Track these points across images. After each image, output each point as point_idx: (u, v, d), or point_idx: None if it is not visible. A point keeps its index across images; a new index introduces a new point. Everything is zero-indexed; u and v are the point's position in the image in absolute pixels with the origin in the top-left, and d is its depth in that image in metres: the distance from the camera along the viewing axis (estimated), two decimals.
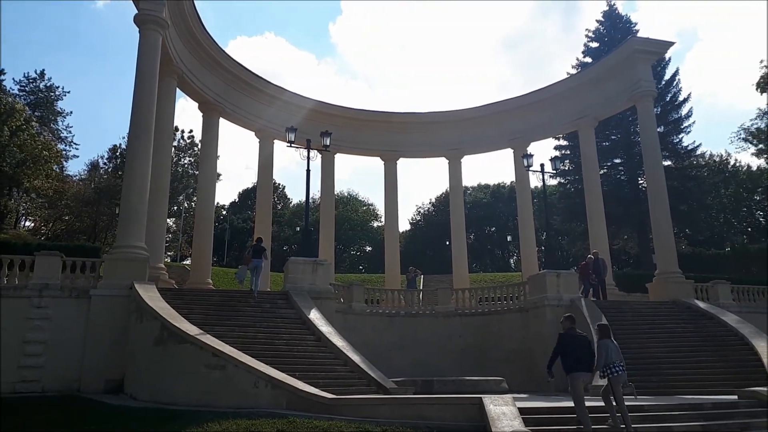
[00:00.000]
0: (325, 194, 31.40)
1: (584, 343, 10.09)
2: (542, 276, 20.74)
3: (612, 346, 10.09)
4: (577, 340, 10.03)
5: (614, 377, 9.80)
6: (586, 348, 10.03)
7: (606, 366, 9.89)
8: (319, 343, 15.48)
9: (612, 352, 9.98)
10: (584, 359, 9.88)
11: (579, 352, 9.88)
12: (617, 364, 9.88)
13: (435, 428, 9.44)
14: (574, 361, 9.79)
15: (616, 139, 46.17)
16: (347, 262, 67.40)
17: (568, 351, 9.91)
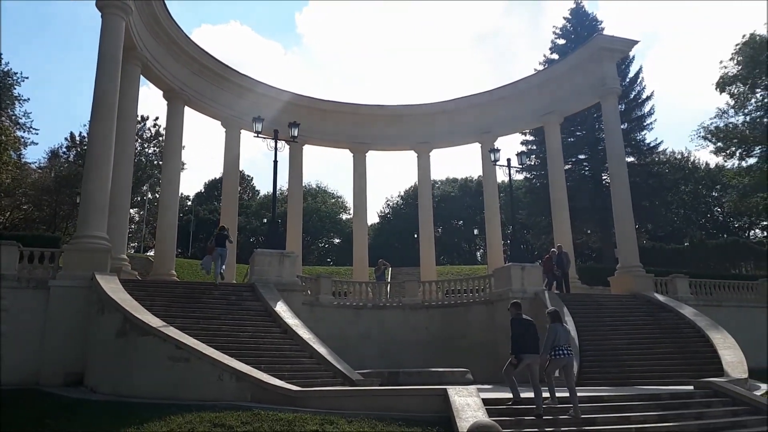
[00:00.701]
0: (293, 186, 31.18)
1: (530, 327, 10.63)
2: (507, 269, 21.02)
3: (561, 330, 10.52)
4: (524, 325, 10.61)
5: (557, 359, 10.31)
6: (532, 332, 10.58)
7: (554, 347, 10.35)
8: (285, 335, 15.39)
9: (561, 337, 10.41)
10: (530, 342, 10.47)
11: (526, 335, 10.47)
12: (564, 347, 10.36)
13: (400, 419, 9.49)
14: (522, 344, 10.39)
15: (581, 135, 46.98)
16: (315, 255, 67.15)
17: (515, 335, 10.52)
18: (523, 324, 10.61)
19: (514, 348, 10.44)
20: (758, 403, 11.32)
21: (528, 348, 10.39)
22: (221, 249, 19.22)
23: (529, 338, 10.50)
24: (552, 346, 10.34)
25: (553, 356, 10.33)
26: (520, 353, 10.33)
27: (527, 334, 10.50)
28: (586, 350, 16.90)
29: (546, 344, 10.38)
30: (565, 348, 10.37)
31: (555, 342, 10.34)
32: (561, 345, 10.35)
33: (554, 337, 10.37)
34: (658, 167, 49.50)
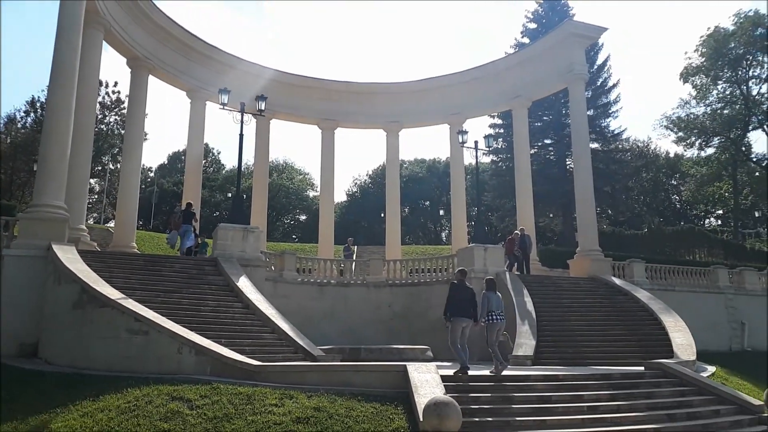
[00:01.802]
0: (259, 160, 30.80)
1: (469, 294, 11.43)
2: (470, 249, 21.31)
3: (494, 298, 11.60)
4: (464, 291, 11.40)
5: (491, 324, 11.47)
6: (470, 298, 11.39)
7: (488, 313, 11.41)
8: (247, 310, 15.33)
9: (493, 303, 11.51)
10: (466, 307, 11.28)
11: (463, 301, 11.30)
12: (497, 313, 11.46)
13: (360, 394, 9.60)
14: (458, 308, 11.22)
15: (548, 120, 47.58)
16: (281, 231, 66.71)
17: (454, 299, 11.30)
18: (462, 289, 11.39)
19: (449, 310, 11.26)
20: (704, 384, 11.82)
21: (464, 312, 11.20)
22: (186, 226, 19.16)
23: (466, 304, 11.28)
24: (487, 312, 11.37)
25: (487, 321, 11.41)
26: (453, 316, 11.16)
27: (464, 300, 11.29)
28: (544, 330, 17.32)
29: (482, 310, 11.36)
30: (498, 314, 11.46)
31: (489, 308, 11.41)
32: (494, 311, 11.44)
33: (488, 304, 11.44)
34: (621, 154, 50.62)
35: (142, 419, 8.64)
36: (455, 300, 11.28)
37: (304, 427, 8.49)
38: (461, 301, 11.27)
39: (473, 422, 8.91)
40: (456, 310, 11.19)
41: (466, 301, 11.32)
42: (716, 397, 11.41)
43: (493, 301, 11.51)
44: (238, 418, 8.69)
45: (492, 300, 11.51)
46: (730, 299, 24.77)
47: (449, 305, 11.30)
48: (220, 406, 9.00)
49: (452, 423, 7.93)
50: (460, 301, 11.26)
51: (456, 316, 11.16)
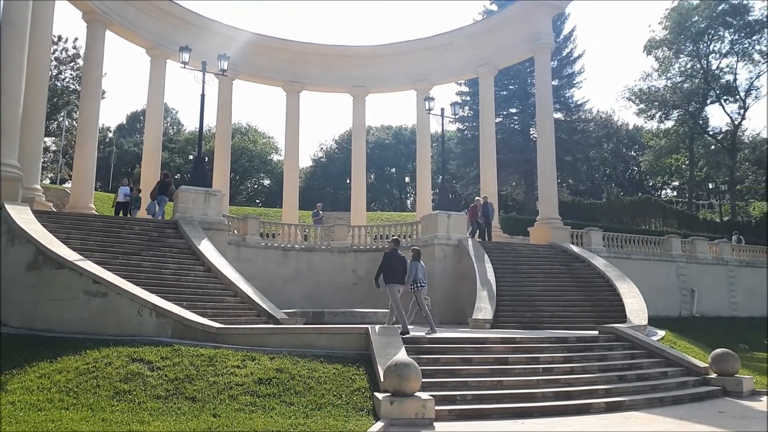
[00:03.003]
0: (222, 122, 30.14)
1: (401, 262, 12.52)
2: (434, 216, 21.51)
3: (420, 267, 12.89)
4: (397, 259, 12.44)
5: (418, 290, 12.76)
6: (402, 266, 12.49)
7: (414, 281, 12.66)
8: (209, 274, 15.21)
9: (419, 272, 12.81)
10: (399, 274, 12.38)
11: (397, 268, 12.37)
12: (421, 280, 12.79)
13: (322, 356, 9.73)
14: (392, 275, 12.26)
15: (513, 89, 47.78)
16: (244, 195, 65.89)
17: (389, 267, 12.29)
18: (396, 258, 12.45)
19: (385, 277, 12.28)
20: (654, 348, 12.32)
21: (397, 279, 12.30)
22: (162, 197, 19.92)
23: (399, 271, 12.38)
24: (412, 280, 12.61)
25: (413, 288, 12.68)
26: (388, 282, 12.22)
27: (397, 268, 12.36)
28: (503, 295, 17.73)
29: (408, 277, 12.56)
30: (422, 281, 12.82)
31: (415, 276, 12.68)
32: (419, 279, 12.76)
33: (414, 272, 12.70)
34: (583, 125, 51.33)
35: (102, 380, 8.58)
36: (389, 267, 12.24)
37: (267, 388, 8.57)
38: (395, 268, 12.28)
39: (433, 382, 9.13)
40: (391, 277, 12.21)
41: (400, 268, 12.38)
42: (665, 360, 11.91)
43: (419, 269, 12.80)
44: (200, 380, 8.71)
45: (418, 269, 12.80)
46: (682, 267, 25.76)
47: (385, 272, 12.27)
48: (181, 368, 8.99)
49: (412, 383, 8.11)
50: (394, 268, 12.26)
51: (391, 282, 12.21)
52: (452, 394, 8.98)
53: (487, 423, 8.16)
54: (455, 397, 8.92)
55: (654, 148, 57.24)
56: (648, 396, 9.97)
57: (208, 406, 8.00)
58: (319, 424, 7.34)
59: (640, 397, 9.83)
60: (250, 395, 8.36)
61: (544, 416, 8.64)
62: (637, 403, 9.61)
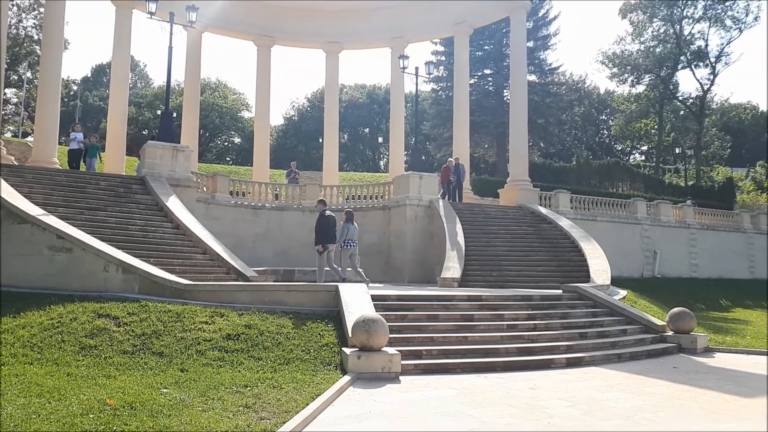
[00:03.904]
0: (191, 77, 29.29)
1: (332, 222, 13.51)
2: (406, 177, 21.53)
3: (352, 228, 13.81)
4: (327, 220, 13.39)
5: (347, 249, 13.73)
6: (332, 226, 13.47)
7: (345, 241, 13.65)
8: (177, 231, 15.05)
9: (351, 232, 13.76)
10: (331, 234, 13.40)
11: (327, 228, 13.36)
12: (351, 240, 13.73)
13: (291, 313, 9.80)
14: (325, 235, 13.28)
15: (488, 50, 47.44)
16: (214, 152, 64.82)
17: (321, 228, 13.27)
18: (327, 219, 13.35)
19: (319, 238, 13.28)
20: (615, 306, 12.72)
21: (329, 239, 13.32)
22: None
23: (330, 231, 13.36)
24: (344, 239, 13.59)
25: (344, 246, 13.64)
26: (324, 243, 13.25)
27: (328, 228, 13.33)
28: (472, 255, 17.99)
29: (340, 237, 13.57)
30: (352, 241, 13.73)
31: (347, 236, 13.64)
32: (351, 239, 13.70)
33: (346, 232, 13.65)
34: (556, 88, 51.45)
35: (67, 336, 8.52)
36: (323, 229, 13.29)
37: (235, 344, 8.63)
38: (328, 229, 13.36)
39: (400, 338, 9.31)
40: (325, 238, 13.26)
41: (331, 228, 13.43)
42: (625, 318, 12.31)
43: (351, 230, 13.75)
44: (168, 335, 8.72)
45: (350, 230, 13.75)
46: (646, 230, 26.43)
47: (320, 235, 13.27)
48: (148, 324, 8.98)
49: (380, 339, 8.26)
50: (327, 229, 13.34)
51: (324, 241, 13.24)
52: (418, 349, 9.17)
53: (452, 377, 8.39)
54: (421, 352, 9.11)
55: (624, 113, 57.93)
56: (607, 352, 10.33)
57: (176, 361, 8.03)
58: (286, 378, 7.45)
59: (600, 354, 10.19)
60: (218, 350, 8.41)
61: (507, 371, 8.90)
62: (596, 359, 9.97)
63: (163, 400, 6.16)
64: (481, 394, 7.39)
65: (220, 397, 6.44)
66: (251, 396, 6.57)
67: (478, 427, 5.90)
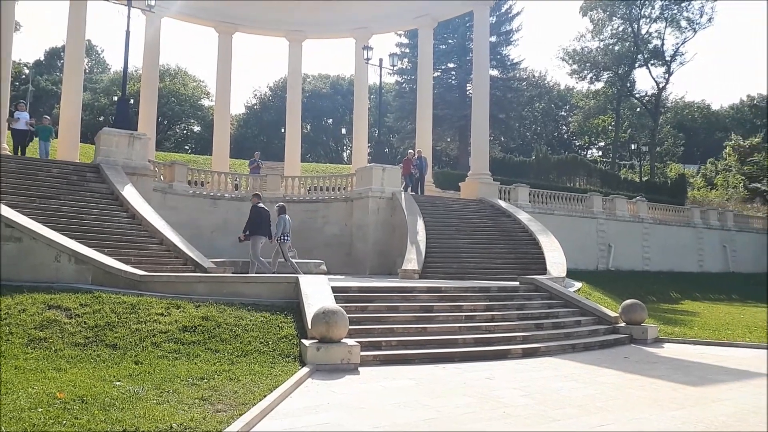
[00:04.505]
0: (149, 63, 28.51)
1: (265, 214, 13.53)
2: (369, 169, 21.53)
3: (286, 221, 13.90)
4: (260, 212, 13.39)
5: (283, 242, 13.82)
6: (266, 219, 13.48)
7: (281, 234, 13.73)
8: (133, 220, 14.69)
9: (286, 225, 13.86)
10: (264, 226, 13.39)
11: (261, 221, 13.37)
12: (287, 234, 13.88)
13: (250, 304, 9.70)
14: (257, 227, 13.28)
15: (452, 44, 47.72)
16: (172, 141, 63.40)
17: (254, 220, 13.28)
18: (260, 211, 13.32)
19: (249, 229, 13.37)
20: (570, 298, 13.04)
21: (262, 231, 13.26)
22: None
23: (263, 223, 13.30)
24: (280, 233, 13.65)
25: (281, 240, 13.70)
26: (252, 234, 13.29)
27: (262, 220, 13.29)
28: (433, 247, 18.15)
29: (276, 230, 13.61)
30: (287, 234, 13.89)
31: (283, 230, 13.72)
32: (286, 232, 13.79)
33: (282, 226, 13.71)
34: (518, 83, 52.17)
35: (15, 328, 8.23)
36: (255, 221, 13.32)
37: (191, 336, 8.50)
38: (260, 221, 13.30)
39: (360, 329, 9.34)
40: (256, 229, 13.24)
41: (264, 221, 13.36)
42: (579, 310, 12.64)
43: (286, 224, 13.84)
44: (122, 327, 8.52)
45: (286, 223, 13.84)
46: (602, 224, 27.14)
47: (253, 227, 13.29)
48: (101, 315, 8.75)
49: (339, 330, 8.27)
50: (259, 221, 13.30)
51: (256, 234, 13.24)
52: (378, 340, 9.23)
53: (410, 367, 8.47)
54: (381, 343, 9.16)
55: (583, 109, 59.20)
56: (562, 343, 10.60)
57: (130, 353, 7.87)
58: (244, 370, 7.38)
59: (555, 344, 10.45)
60: (174, 343, 8.27)
61: (465, 361, 9.05)
62: (551, 349, 10.22)
63: (115, 393, 6.03)
64: (438, 384, 7.49)
65: (175, 390, 6.34)
66: (207, 388, 6.49)
67: (434, 417, 5.98)
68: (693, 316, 17.64)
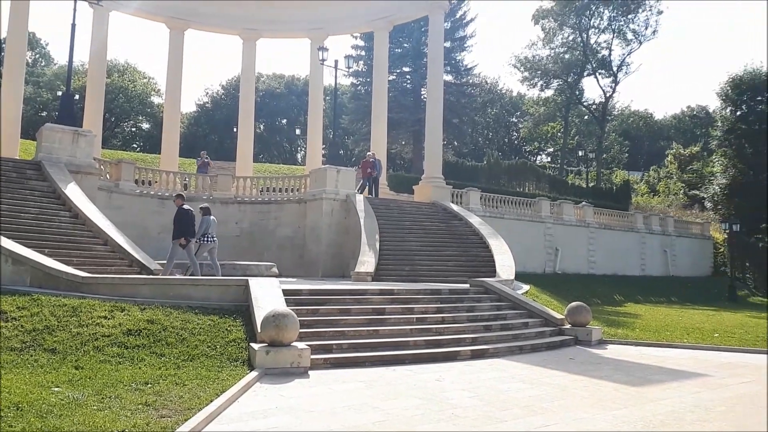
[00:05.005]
0: (96, 57, 27.53)
1: (190, 215, 13.24)
2: (323, 171, 21.42)
3: (210, 221, 13.66)
4: (187, 214, 13.15)
5: (205, 243, 13.54)
6: (191, 220, 13.20)
7: (204, 234, 13.45)
8: (76, 220, 14.18)
9: (210, 226, 13.60)
10: (189, 228, 13.11)
11: (189, 223, 13.10)
12: (210, 234, 13.60)
13: (198, 307, 9.51)
14: (184, 230, 12.98)
15: (407, 48, 48.05)
16: (120, 138, 61.54)
17: (181, 223, 12.96)
18: (186, 213, 13.10)
19: (180, 232, 12.93)
20: (518, 300, 13.31)
21: (189, 232, 13.04)
22: None
23: (191, 225, 13.12)
24: (203, 233, 13.37)
25: (203, 241, 13.43)
26: (183, 236, 12.92)
27: (189, 222, 13.08)
28: (386, 250, 18.21)
29: (199, 231, 13.32)
30: (211, 236, 13.59)
31: (205, 230, 13.43)
32: (209, 233, 13.53)
33: (205, 227, 13.46)
34: (471, 89, 52.97)
35: None
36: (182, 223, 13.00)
37: (136, 339, 8.26)
38: (188, 223, 13.06)
39: (311, 332, 9.28)
40: (183, 231, 12.97)
41: (191, 222, 13.18)
42: (527, 312, 12.91)
43: (210, 224, 13.58)
44: (62, 331, 8.21)
45: (209, 224, 13.59)
46: (549, 228, 27.84)
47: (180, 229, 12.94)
48: (40, 318, 8.40)
49: (290, 333, 8.19)
50: (188, 223, 13.05)
51: (184, 236, 12.99)
52: (329, 343, 9.19)
53: (361, 370, 8.47)
54: (332, 346, 9.13)
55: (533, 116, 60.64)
56: (510, 344, 10.82)
57: (70, 357, 7.58)
58: (190, 375, 7.23)
59: (503, 345, 10.65)
60: (118, 346, 8.02)
61: (415, 363, 9.12)
62: (500, 350, 10.40)
63: (54, 400, 5.80)
64: (388, 386, 7.52)
65: (117, 395, 6.15)
66: (152, 393, 6.32)
67: (383, 419, 6.00)
68: (635, 318, 18.26)
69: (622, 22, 50.90)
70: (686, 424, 6.20)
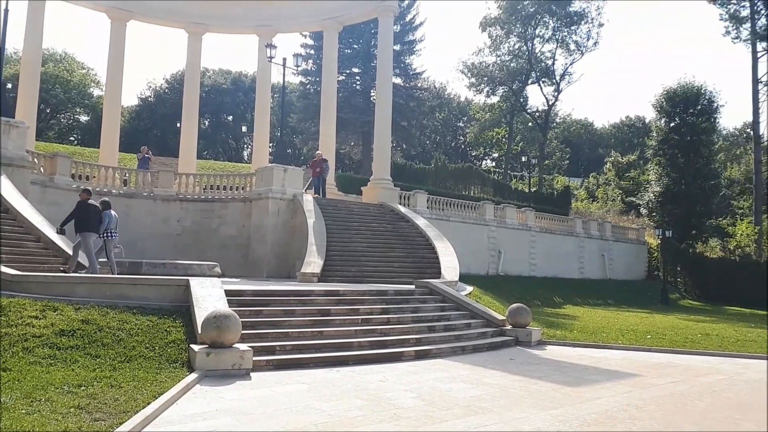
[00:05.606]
0: (31, 44, 26.16)
1: (95, 211, 12.95)
2: (270, 169, 21.17)
3: (112, 217, 13.34)
4: (89, 208, 12.82)
5: (109, 239, 13.19)
6: (96, 215, 12.92)
7: (106, 231, 13.08)
8: (6, 215, 13.51)
9: (112, 222, 13.28)
10: (93, 223, 12.77)
11: (91, 217, 12.74)
12: (113, 230, 13.29)
13: (136, 308, 9.22)
14: (87, 224, 12.59)
15: (357, 49, 48.10)
16: (56, 130, 58.86)
17: (82, 216, 12.61)
18: (89, 208, 12.80)
19: (80, 227, 12.53)
20: (461, 301, 13.52)
21: (91, 228, 12.65)
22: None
23: (93, 220, 12.77)
24: (103, 230, 13.00)
25: (107, 237, 13.08)
26: (83, 231, 12.50)
27: (91, 216, 12.72)
28: (333, 251, 18.16)
29: (102, 227, 12.96)
30: (114, 231, 13.33)
31: (108, 226, 13.11)
32: (112, 229, 13.23)
33: (108, 222, 13.12)
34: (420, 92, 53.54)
35: None
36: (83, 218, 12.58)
37: (69, 340, 7.93)
38: (90, 218, 12.68)
39: (254, 334, 9.14)
40: (87, 226, 12.55)
41: (94, 217, 12.77)
42: (470, 312, 13.14)
43: (112, 220, 13.29)
44: None
45: (112, 219, 13.29)
46: (493, 231, 28.42)
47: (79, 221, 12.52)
48: None
49: (231, 335, 8.05)
50: (89, 218, 12.65)
51: (86, 230, 12.54)
52: (272, 345, 9.08)
53: (304, 371, 8.41)
54: (275, 347, 9.03)
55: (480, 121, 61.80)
56: (453, 345, 10.99)
57: None
58: (127, 377, 7.00)
59: (446, 346, 10.80)
60: (49, 347, 7.68)
61: (360, 364, 9.13)
62: (443, 351, 10.55)
63: None
64: (331, 387, 7.50)
65: (48, 398, 5.88)
66: (85, 396, 6.09)
67: (325, 420, 5.98)
68: (573, 320, 18.86)
69: (565, 33, 52.53)
70: (618, 422, 6.45)
